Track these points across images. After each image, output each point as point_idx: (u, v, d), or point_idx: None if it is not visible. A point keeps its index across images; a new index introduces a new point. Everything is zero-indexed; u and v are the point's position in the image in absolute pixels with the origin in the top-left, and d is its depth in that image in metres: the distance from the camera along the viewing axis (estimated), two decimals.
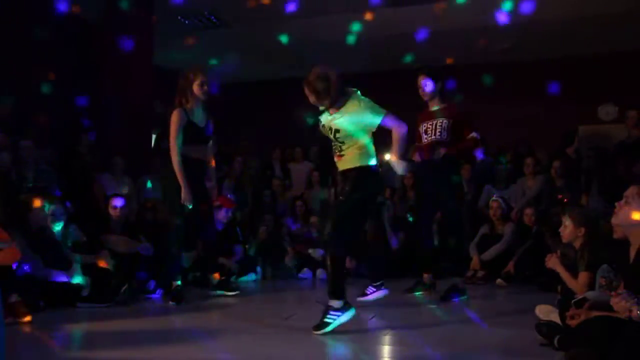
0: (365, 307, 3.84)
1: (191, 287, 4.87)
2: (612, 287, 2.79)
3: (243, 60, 8.58)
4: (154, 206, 5.50)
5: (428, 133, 4.48)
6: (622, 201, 2.54)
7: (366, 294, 4.09)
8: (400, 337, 3.22)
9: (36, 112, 5.64)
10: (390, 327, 3.43)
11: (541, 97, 7.60)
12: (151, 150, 7.10)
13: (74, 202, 5.13)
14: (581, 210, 4.17)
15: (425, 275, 4.69)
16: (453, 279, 4.56)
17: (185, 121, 4.21)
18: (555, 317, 2.82)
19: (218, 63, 7.76)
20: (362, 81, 3.62)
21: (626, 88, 7.64)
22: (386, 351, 2.92)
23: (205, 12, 7.59)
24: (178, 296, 4.22)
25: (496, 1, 6.48)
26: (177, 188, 4.15)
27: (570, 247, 3.55)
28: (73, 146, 6.09)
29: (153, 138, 7.52)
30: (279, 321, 3.56)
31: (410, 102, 4.61)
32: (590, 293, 2.81)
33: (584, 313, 2.42)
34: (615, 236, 2.69)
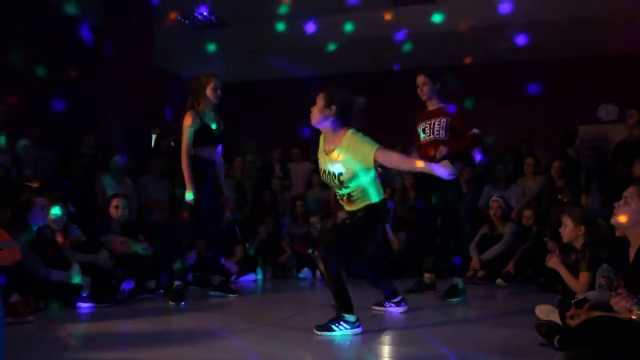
0: (365, 307, 3.83)
1: (191, 287, 4.87)
2: (612, 287, 2.79)
3: (243, 60, 8.57)
4: (154, 206, 5.50)
5: (426, 132, 4.49)
6: (621, 201, 2.54)
7: (383, 306, 3.92)
8: (400, 337, 3.23)
9: (36, 112, 5.64)
10: (390, 327, 3.43)
11: (541, 97, 7.60)
12: (151, 150, 7.10)
13: (75, 202, 5.13)
14: (581, 209, 4.18)
15: (426, 275, 4.70)
16: (453, 279, 4.56)
17: (198, 123, 4.31)
18: (555, 317, 2.82)
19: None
20: (363, 81, 3.61)
21: (626, 88, 7.64)
22: (386, 351, 2.92)
23: (205, 12, 7.59)
24: (178, 296, 4.22)
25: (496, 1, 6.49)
26: (196, 192, 4.22)
27: (570, 247, 3.55)
28: (74, 146, 6.09)
29: (153, 138, 7.53)
30: (279, 321, 3.57)
31: (410, 102, 4.61)
32: (590, 293, 2.82)
33: (584, 313, 2.41)
34: (617, 234, 2.69)
